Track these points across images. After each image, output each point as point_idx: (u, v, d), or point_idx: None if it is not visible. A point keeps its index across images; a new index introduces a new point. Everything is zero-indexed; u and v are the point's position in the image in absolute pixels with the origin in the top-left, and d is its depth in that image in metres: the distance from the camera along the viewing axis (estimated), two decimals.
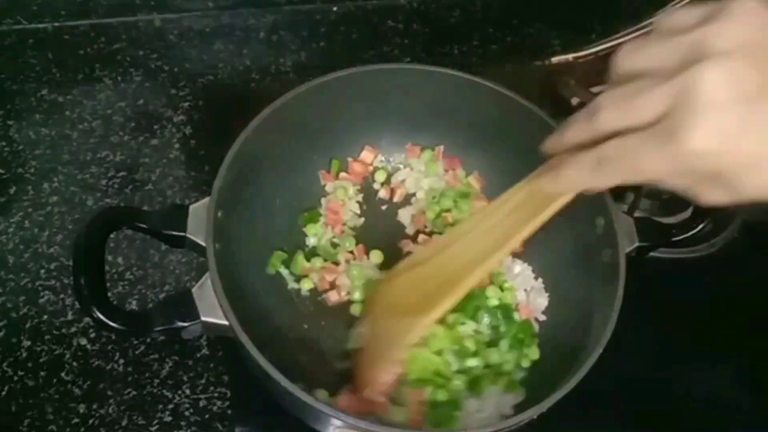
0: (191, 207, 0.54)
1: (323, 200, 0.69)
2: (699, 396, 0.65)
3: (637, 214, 0.73)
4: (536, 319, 0.64)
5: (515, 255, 0.66)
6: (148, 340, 0.63)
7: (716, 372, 0.68)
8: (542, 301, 0.65)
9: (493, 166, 0.70)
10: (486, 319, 0.61)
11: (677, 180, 0.35)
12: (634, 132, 0.35)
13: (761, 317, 0.70)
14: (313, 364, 0.60)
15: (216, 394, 0.61)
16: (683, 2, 0.87)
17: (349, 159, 0.71)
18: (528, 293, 0.65)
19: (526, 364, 0.61)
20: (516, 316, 0.62)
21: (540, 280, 0.66)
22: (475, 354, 0.59)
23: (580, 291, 0.61)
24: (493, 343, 0.61)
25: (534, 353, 0.61)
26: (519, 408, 0.58)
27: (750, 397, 0.66)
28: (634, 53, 0.36)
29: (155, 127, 0.77)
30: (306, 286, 0.64)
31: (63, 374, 0.61)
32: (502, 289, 0.64)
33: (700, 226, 0.59)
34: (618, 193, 0.76)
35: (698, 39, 0.32)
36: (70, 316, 0.64)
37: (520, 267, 0.66)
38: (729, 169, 0.32)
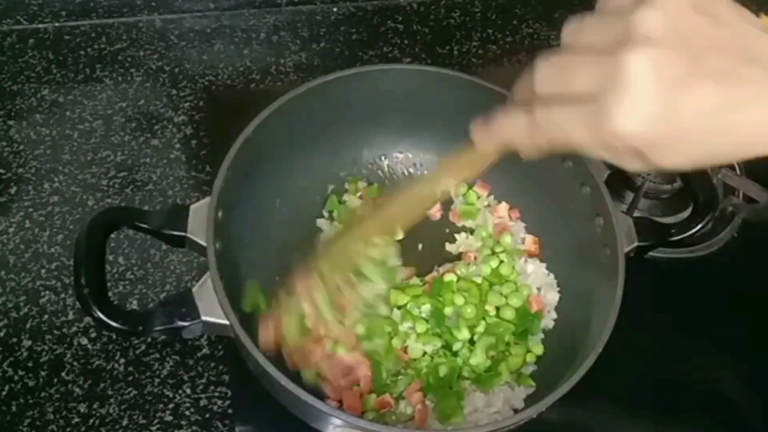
0: (192, 207, 0.54)
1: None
2: (699, 395, 0.66)
3: (636, 213, 0.74)
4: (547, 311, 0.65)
5: (530, 255, 0.67)
6: (149, 339, 0.63)
7: (716, 371, 0.68)
8: (554, 295, 0.65)
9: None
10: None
11: (600, 152, 0.36)
12: (567, 102, 0.36)
13: (761, 316, 0.70)
14: None
15: (216, 394, 0.61)
16: None
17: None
18: (540, 290, 0.65)
19: (531, 359, 0.61)
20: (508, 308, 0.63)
21: (552, 275, 0.66)
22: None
23: (581, 290, 0.62)
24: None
25: (538, 349, 0.62)
26: (531, 400, 0.58)
27: (750, 395, 0.67)
28: (576, 28, 0.37)
29: (156, 127, 0.77)
30: None
31: (63, 374, 0.61)
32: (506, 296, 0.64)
33: (699, 226, 0.60)
34: (617, 192, 0.76)
35: (629, 22, 0.33)
36: (70, 316, 0.64)
37: (533, 266, 0.66)
38: (647, 148, 0.34)
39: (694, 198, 0.62)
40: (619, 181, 0.76)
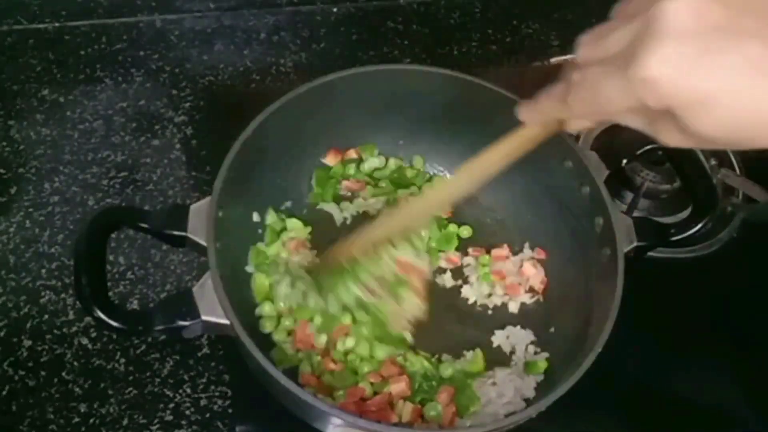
0: (192, 207, 0.54)
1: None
2: (698, 395, 0.66)
3: (635, 213, 0.74)
4: (532, 288, 0.66)
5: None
6: (149, 339, 0.63)
7: (715, 371, 0.68)
8: (537, 272, 0.66)
9: None
10: None
11: (634, 116, 0.36)
12: (604, 63, 0.36)
13: (760, 317, 0.70)
14: None
15: (217, 393, 0.61)
16: None
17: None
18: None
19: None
20: None
21: (535, 250, 0.67)
22: None
23: (580, 290, 0.62)
24: None
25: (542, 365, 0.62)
26: (540, 387, 0.59)
27: (749, 396, 0.67)
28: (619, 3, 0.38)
29: (156, 127, 0.77)
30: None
31: (64, 374, 0.61)
32: None
33: (699, 226, 0.60)
34: (617, 192, 0.76)
35: None
36: (71, 316, 0.64)
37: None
38: (680, 105, 0.32)
39: (694, 198, 0.62)
40: (619, 181, 0.76)
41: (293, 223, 0.66)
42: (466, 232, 0.69)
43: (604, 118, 0.38)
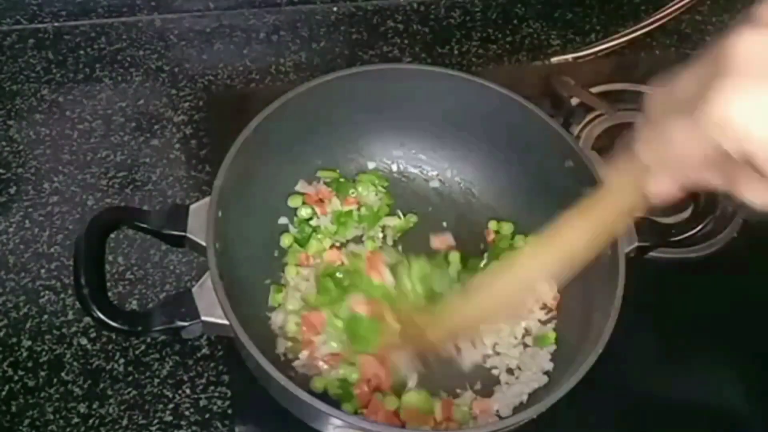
0: (191, 207, 0.54)
1: None
2: (699, 396, 0.66)
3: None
4: (545, 305, 0.65)
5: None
6: (149, 339, 0.63)
7: (716, 372, 0.68)
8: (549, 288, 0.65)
9: (492, 167, 0.70)
10: None
11: (713, 172, 0.34)
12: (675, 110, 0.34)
13: (761, 317, 0.70)
14: None
15: (216, 394, 0.61)
16: (682, 2, 0.87)
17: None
18: None
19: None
20: None
21: None
22: None
23: (581, 290, 0.62)
24: None
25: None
26: (556, 358, 0.60)
27: (750, 396, 0.66)
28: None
29: (155, 127, 0.77)
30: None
31: (63, 374, 0.61)
32: None
33: (700, 226, 0.60)
34: None
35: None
36: (70, 316, 0.64)
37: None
38: (759, 148, 0.30)
39: (695, 198, 0.62)
40: None
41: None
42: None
43: (682, 175, 0.36)
